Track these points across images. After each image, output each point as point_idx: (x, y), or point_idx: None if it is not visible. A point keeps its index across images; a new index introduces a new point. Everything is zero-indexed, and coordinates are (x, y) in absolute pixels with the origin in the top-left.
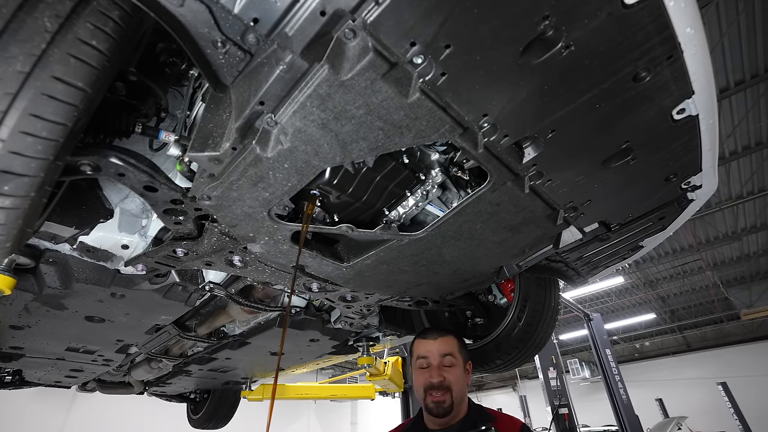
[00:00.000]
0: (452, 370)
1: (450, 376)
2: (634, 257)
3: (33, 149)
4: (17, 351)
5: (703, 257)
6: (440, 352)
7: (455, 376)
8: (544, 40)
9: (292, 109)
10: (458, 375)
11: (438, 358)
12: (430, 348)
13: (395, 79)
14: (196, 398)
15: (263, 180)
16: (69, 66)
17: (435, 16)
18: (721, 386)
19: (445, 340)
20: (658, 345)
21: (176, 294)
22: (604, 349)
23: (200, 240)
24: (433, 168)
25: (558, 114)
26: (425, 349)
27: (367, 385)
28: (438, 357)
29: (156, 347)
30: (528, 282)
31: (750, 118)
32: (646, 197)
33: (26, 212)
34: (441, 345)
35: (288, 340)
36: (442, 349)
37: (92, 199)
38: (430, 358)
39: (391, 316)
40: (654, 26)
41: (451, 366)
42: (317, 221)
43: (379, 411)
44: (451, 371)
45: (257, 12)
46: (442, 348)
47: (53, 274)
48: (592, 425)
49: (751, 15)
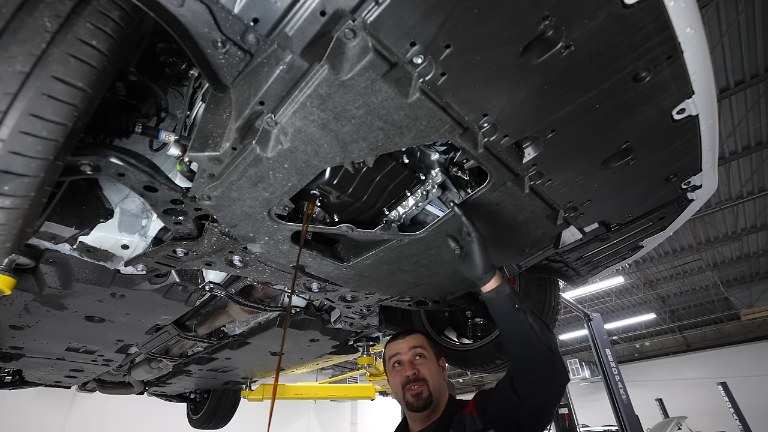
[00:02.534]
0: (424, 362)
1: (423, 368)
2: (634, 257)
3: (33, 149)
4: (17, 351)
5: (703, 257)
6: (409, 346)
7: (428, 369)
8: (544, 40)
9: (292, 109)
10: (431, 368)
11: (408, 352)
12: (399, 346)
13: (395, 79)
14: (196, 398)
15: (263, 180)
16: (69, 66)
17: (435, 17)
18: (721, 386)
19: (413, 336)
20: (658, 345)
21: (176, 294)
22: (604, 349)
23: (200, 240)
24: (433, 168)
25: (558, 114)
26: (395, 348)
27: (367, 385)
28: (408, 352)
29: (156, 347)
30: (528, 282)
31: (750, 118)
32: (646, 197)
33: (26, 212)
34: (410, 341)
35: (288, 340)
36: (411, 343)
37: (92, 199)
38: (401, 354)
39: (391, 316)
40: (654, 26)
41: (422, 357)
42: (317, 221)
43: (379, 411)
44: (423, 363)
45: (257, 12)
46: (411, 343)
47: (53, 274)
48: (592, 425)
49: (751, 15)
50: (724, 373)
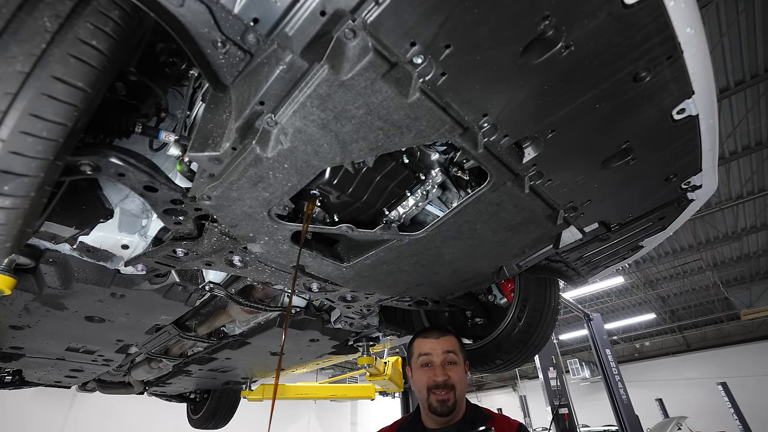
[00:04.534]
0: (455, 369)
1: (453, 374)
2: (634, 257)
3: (33, 149)
4: (17, 351)
5: (703, 257)
6: (443, 349)
7: (458, 375)
8: (544, 40)
9: (292, 109)
10: (461, 374)
11: (441, 356)
12: (433, 346)
13: (395, 79)
14: (196, 398)
15: (263, 180)
16: (69, 66)
17: (435, 17)
18: (721, 386)
19: (447, 339)
20: (658, 345)
21: (176, 294)
22: (604, 349)
23: (200, 240)
24: (433, 168)
25: (558, 114)
26: (428, 347)
27: (367, 385)
28: (441, 355)
29: (156, 347)
30: (528, 282)
31: (750, 118)
32: (646, 197)
33: (26, 212)
34: (444, 343)
35: (288, 340)
36: (445, 347)
37: (92, 199)
38: (433, 356)
39: (391, 316)
40: (654, 26)
41: (454, 364)
42: (317, 221)
43: (379, 411)
44: (454, 369)
45: (257, 12)
46: (445, 346)
47: (53, 274)
48: (592, 425)
49: (751, 15)
50: (723, 373)
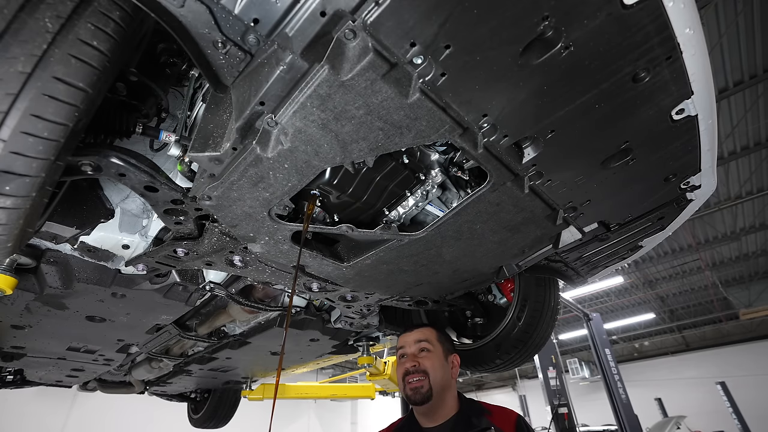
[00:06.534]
0: (428, 356)
1: (425, 361)
2: (633, 257)
3: (34, 149)
4: (19, 350)
5: (702, 257)
6: (415, 339)
7: (431, 362)
8: (543, 41)
9: (292, 110)
10: (434, 362)
11: (413, 345)
12: (406, 339)
13: (395, 80)
14: (197, 398)
15: (263, 180)
16: (70, 66)
17: (435, 17)
18: (720, 386)
19: (420, 330)
20: (657, 345)
21: (177, 294)
22: (603, 349)
23: (201, 240)
24: (433, 168)
25: (557, 114)
26: (402, 341)
27: (367, 384)
28: (413, 345)
29: (157, 347)
30: (528, 282)
31: (749, 119)
32: (646, 197)
33: (27, 212)
34: (416, 334)
35: (288, 339)
36: (417, 337)
37: (93, 199)
38: (406, 347)
39: (391, 316)
40: (653, 27)
41: (426, 351)
42: (317, 221)
43: (379, 411)
44: (426, 357)
45: (257, 12)
46: (417, 336)
47: (54, 273)
48: (591, 425)
49: (749, 16)
50: (722, 373)
